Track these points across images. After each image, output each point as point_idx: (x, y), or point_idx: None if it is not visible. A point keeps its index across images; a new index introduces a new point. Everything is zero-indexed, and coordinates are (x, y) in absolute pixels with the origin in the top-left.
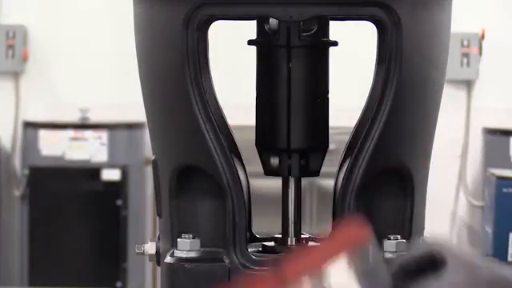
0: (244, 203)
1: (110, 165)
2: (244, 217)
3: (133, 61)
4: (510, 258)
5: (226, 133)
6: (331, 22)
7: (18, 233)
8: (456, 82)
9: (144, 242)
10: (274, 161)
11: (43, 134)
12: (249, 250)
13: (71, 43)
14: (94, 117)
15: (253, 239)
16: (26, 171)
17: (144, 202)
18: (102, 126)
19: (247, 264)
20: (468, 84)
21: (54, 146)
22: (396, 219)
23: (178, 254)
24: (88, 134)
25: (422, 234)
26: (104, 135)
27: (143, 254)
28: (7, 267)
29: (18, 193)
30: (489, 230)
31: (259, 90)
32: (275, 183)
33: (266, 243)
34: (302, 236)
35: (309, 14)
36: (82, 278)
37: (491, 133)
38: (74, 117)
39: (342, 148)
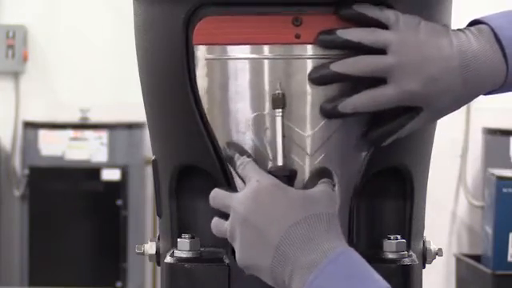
0: None
1: (110, 165)
2: None
3: (133, 61)
4: (510, 258)
5: None
6: None
7: (17, 233)
8: None
9: (144, 241)
10: None
11: (43, 133)
12: None
13: (71, 43)
14: (94, 117)
15: None
16: (26, 171)
17: (144, 202)
18: (101, 125)
19: None
20: None
21: (54, 146)
22: (396, 219)
23: (178, 253)
24: (88, 134)
25: (422, 233)
26: (104, 135)
27: (143, 254)
28: (7, 267)
29: (17, 193)
30: (489, 230)
31: None
32: None
33: None
34: None
35: None
36: (81, 278)
37: (491, 133)
38: (73, 117)
39: None
